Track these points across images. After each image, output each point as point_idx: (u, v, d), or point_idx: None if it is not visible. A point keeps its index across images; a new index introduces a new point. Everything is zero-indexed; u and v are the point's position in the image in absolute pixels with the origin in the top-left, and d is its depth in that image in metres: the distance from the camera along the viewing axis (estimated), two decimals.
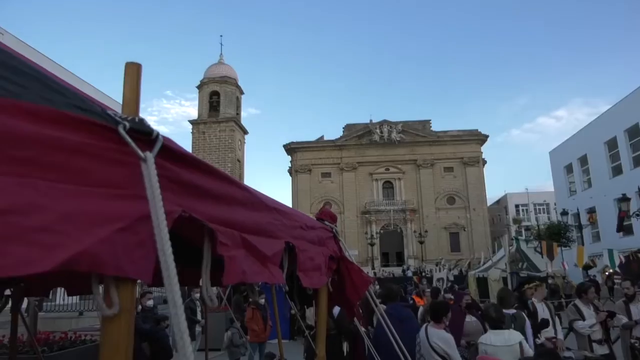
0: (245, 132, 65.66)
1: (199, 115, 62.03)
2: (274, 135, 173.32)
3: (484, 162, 60.12)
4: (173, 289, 0.79)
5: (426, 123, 61.35)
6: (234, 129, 60.96)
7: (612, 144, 32.30)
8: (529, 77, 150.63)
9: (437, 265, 31.66)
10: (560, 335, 6.50)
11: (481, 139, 59.82)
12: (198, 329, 10.58)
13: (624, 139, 30.71)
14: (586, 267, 21.66)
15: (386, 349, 3.86)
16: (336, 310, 6.28)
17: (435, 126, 61.51)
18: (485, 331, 5.19)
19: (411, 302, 11.39)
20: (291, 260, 1.86)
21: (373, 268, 45.21)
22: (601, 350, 6.21)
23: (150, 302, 9.21)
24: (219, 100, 61.59)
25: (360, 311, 6.41)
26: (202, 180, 1.14)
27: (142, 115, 1.00)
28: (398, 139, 58.13)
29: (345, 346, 6.40)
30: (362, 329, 4.73)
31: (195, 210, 1.07)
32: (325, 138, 61.57)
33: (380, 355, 4.52)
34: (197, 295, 10.75)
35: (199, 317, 10.64)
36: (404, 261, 53.79)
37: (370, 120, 60.39)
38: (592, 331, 6.22)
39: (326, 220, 2.41)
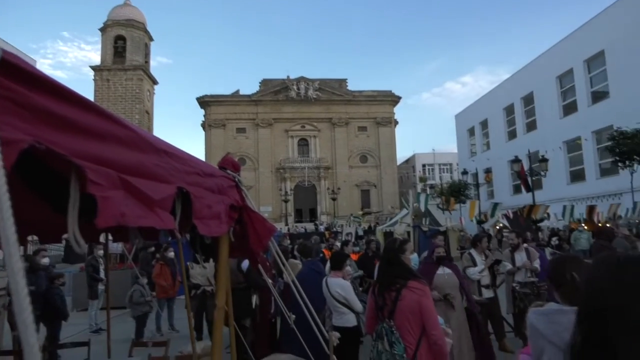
0: (154, 82, 61.74)
1: (102, 61, 57.01)
2: (187, 87, 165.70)
3: (396, 122, 62.31)
4: (7, 232, 0.66)
5: (342, 82, 61.82)
6: (142, 78, 57.03)
7: (509, 110, 34.96)
8: (440, 43, 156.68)
9: (348, 221, 32.83)
10: None
11: (394, 100, 61.69)
12: (101, 287, 10.13)
13: (520, 106, 33.34)
14: (480, 222, 23.66)
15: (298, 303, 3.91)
16: (245, 264, 6.28)
17: (352, 86, 62.32)
18: (461, 283, 5.49)
19: (321, 255, 11.74)
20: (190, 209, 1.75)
21: (287, 224, 45.85)
22: (488, 294, 6.93)
23: (45, 260, 8.58)
24: (125, 45, 56.89)
25: (268, 263, 6.47)
26: (65, 110, 0.99)
27: (34, 57, 0.82)
28: (314, 96, 58.13)
29: (254, 299, 6.46)
30: (270, 281, 4.75)
31: (56, 143, 0.93)
32: (241, 92, 59.88)
33: (293, 308, 4.61)
34: (101, 252, 10.21)
35: (102, 275, 10.16)
36: (317, 217, 55.15)
37: (288, 77, 59.57)
38: (482, 276, 6.87)
39: (228, 169, 2.31)
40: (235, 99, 59.05)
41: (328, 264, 9.48)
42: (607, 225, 14.65)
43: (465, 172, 30.90)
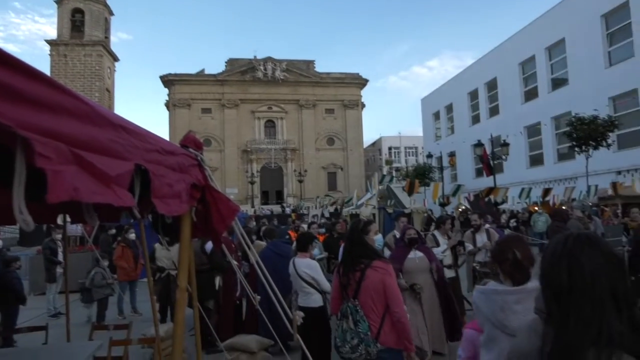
0: (115, 58, 59.54)
1: (59, 35, 54.40)
2: (150, 65, 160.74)
3: (363, 105, 62.57)
4: None
5: (310, 63, 61.35)
6: (102, 54, 54.87)
7: (473, 95, 35.62)
8: (408, 27, 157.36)
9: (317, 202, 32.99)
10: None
11: (361, 83, 61.81)
12: (59, 270, 9.83)
13: (484, 91, 34.02)
14: (442, 205, 24.21)
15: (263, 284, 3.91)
16: (209, 245, 6.21)
17: (319, 67, 62.00)
18: (431, 267, 5.46)
19: (287, 237, 11.77)
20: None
21: (253, 206, 45.65)
22: (449, 273, 7.13)
23: None
24: (83, 19, 54.42)
25: (234, 245, 6.43)
26: (11, 79, 0.93)
27: None
28: (282, 77, 57.51)
29: (217, 281, 6.41)
30: (235, 263, 4.72)
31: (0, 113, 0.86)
32: (207, 72, 58.58)
33: (259, 289, 4.59)
34: (59, 235, 9.89)
35: (60, 257, 9.86)
36: (283, 199, 55.13)
37: (255, 57, 58.57)
38: (444, 256, 7.08)
39: (190, 147, 2.25)
40: (200, 78, 57.75)
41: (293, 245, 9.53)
42: (563, 207, 15.27)
43: (430, 156, 31.44)
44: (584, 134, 18.15)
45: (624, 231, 9.50)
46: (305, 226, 12.67)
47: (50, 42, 53.99)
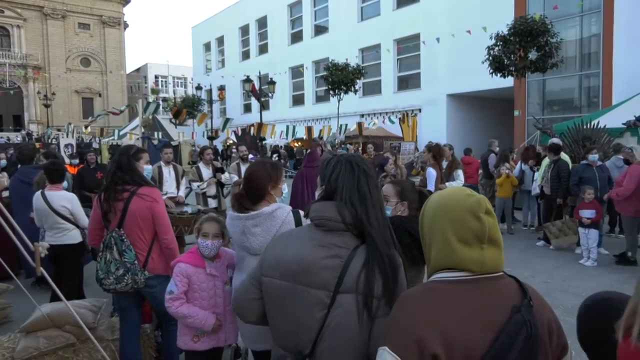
0: None
1: None
2: None
3: (126, 25, 56.21)
4: None
5: None
6: None
7: (244, 30, 35.75)
8: None
9: (66, 131, 28.83)
10: (182, 193, 7.25)
11: None
12: None
13: (255, 28, 34.46)
14: (211, 138, 24.33)
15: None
16: None
17: None
18: None
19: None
20: None
21: None
22: (214, 203, 7.38)
23: None
24: None
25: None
26: None
27: None
28: None
29: None
30: None
31: None
32: None
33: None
34: None
35: None
36: (23, 126, 46.64)
37: None
38: (207, 190, 7.32)
39: None
40: None
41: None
42: (318, 143, 17.16)
43: (199, 88, 30.76)
44: (337, 78, 20.36)
45: None
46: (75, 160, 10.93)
47: None
